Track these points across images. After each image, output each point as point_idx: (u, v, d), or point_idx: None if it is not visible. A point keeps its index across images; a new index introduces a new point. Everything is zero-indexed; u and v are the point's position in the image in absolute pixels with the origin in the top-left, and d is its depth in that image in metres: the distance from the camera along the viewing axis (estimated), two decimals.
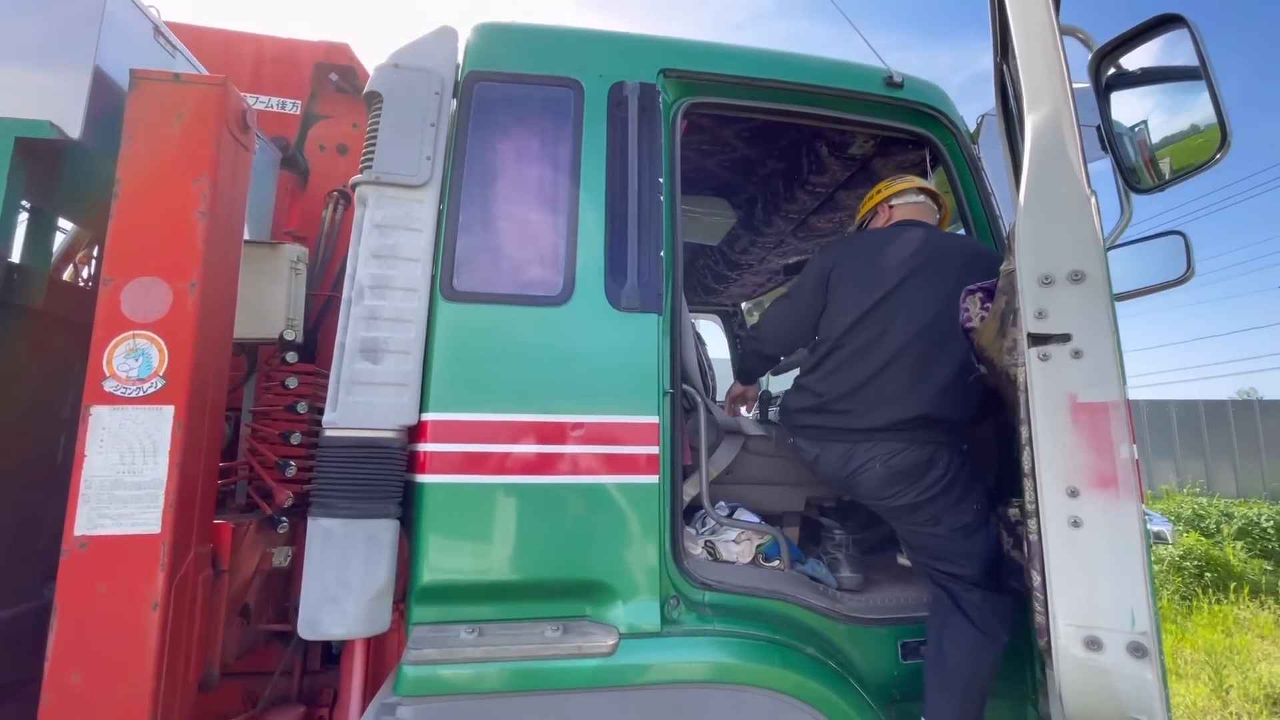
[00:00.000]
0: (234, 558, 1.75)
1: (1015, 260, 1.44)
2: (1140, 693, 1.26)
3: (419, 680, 1.43)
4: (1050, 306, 1.39)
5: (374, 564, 1.52)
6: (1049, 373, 1.37)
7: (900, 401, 1.83)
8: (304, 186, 2.66)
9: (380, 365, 1.60)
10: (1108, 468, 1.31)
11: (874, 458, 1.84)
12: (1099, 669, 1.29)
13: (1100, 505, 1.31)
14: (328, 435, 1.57)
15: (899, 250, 1.97)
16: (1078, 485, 1.33)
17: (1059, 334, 1.37)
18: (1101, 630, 1.30)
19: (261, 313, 2.02)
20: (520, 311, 1.68)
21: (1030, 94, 1.48)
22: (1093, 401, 1.34)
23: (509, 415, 1.62)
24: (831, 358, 1.93)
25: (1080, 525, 1.31)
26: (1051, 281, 1.39)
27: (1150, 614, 1.27)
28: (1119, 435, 1.32)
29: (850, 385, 1.88)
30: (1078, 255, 1.39)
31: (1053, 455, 1.35)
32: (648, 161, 1.83)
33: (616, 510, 1.62)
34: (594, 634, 1.52)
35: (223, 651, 1.72)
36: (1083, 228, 1.40)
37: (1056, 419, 1.35)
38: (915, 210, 2.17)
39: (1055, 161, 1.43)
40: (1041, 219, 1.43)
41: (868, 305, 1.90)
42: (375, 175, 1.69)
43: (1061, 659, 1.31)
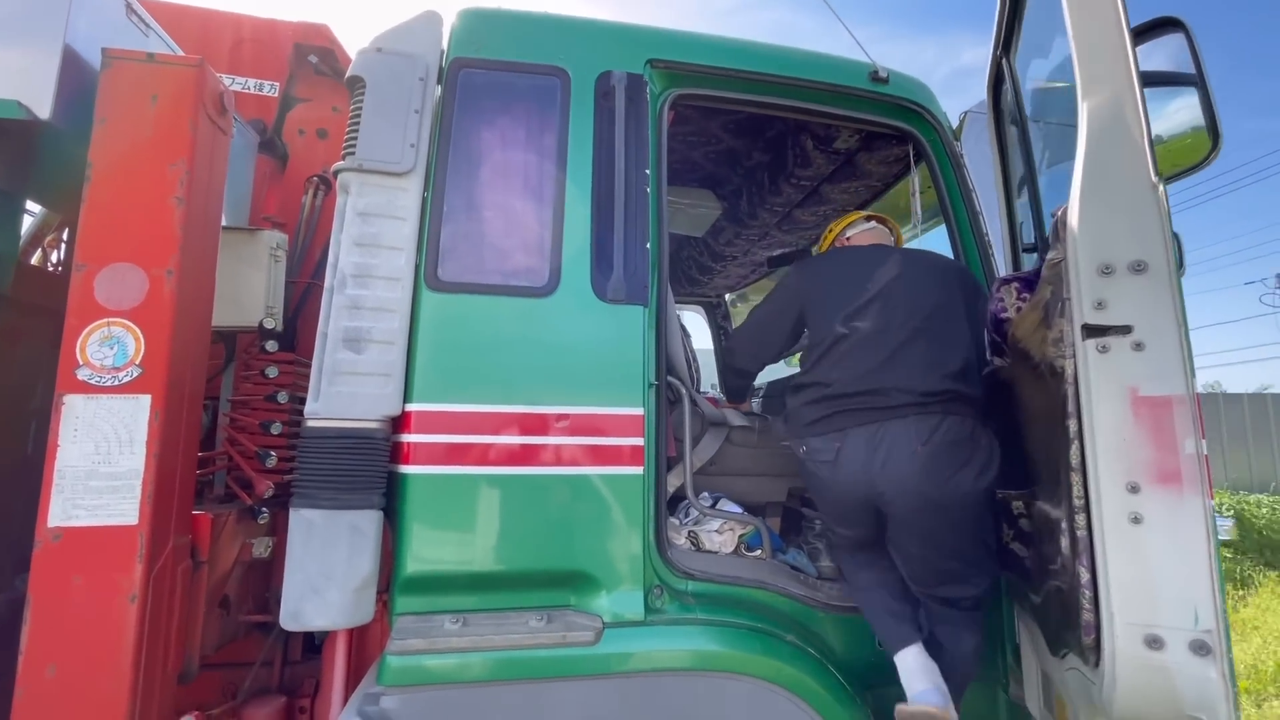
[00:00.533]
0: (213, 549, 1.73)
1: (1066, 250, 1.38)
2: (1202, 691, 1.22)
3: (403, 670, 1.43)
4: (1110, 297, 1.33)
5: (357, 555, 1.52)
6: (1107, 365, 1.32)
7: (925, 376, 1.68)
8: (283, 171, 2.61)
9: (363, 355, 1.59)
10: (1170, 463, 1.27)
11: (910, 438, 1.63)
12: (1159, 668, 1.25)
13: (1163, 501, 1.27)
14: (310, 425, 1.56)
15: (877, 256, 1.95)
16: (1138, 480, 1.28)
17: (1119, 325, 1.32)
18: (1163, 628, 1.25)
19: (240, 300, 1.98)
20: (505, 302, 1.68)
21: (1088, 78, 1.42)
22: (1155, 395, 1.30)
23: (494, 406, 1.62)
24: (837, 347, 1.78)
25: (1141, 521, 1.27)
26: (1111, 271, 1.34)
27: (1216, 611, 1.23)
28: (1183, 430, 1.27)
29: (866, 367, 1.72)
30: (1140, 244, 1.33)
31: (1110, 450, 1.30)
32: (634, 153, 1.82)
33: (601, 501, 1.63)
34: (578, 623, 1.53)
35: (202, 643, 1.71)
36: (1146, 215, 1.34)
37: (1115, 413, 1.30)
38: (871, 236, 2.18)
39: (1117, 147, 1.37)
40: (1101, 207, 1.36)
41: (862, 301, 1.82)
42: (358, 162, 1.66)
43: (1118, 658, 1.27)
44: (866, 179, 2.63)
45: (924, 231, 2.74)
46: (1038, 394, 1.53)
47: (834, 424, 1.71)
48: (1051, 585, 1.50)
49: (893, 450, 1.62)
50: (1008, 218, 2.17)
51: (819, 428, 1.74)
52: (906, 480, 1.61)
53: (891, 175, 2.64)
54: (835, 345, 1.79)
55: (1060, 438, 1.39)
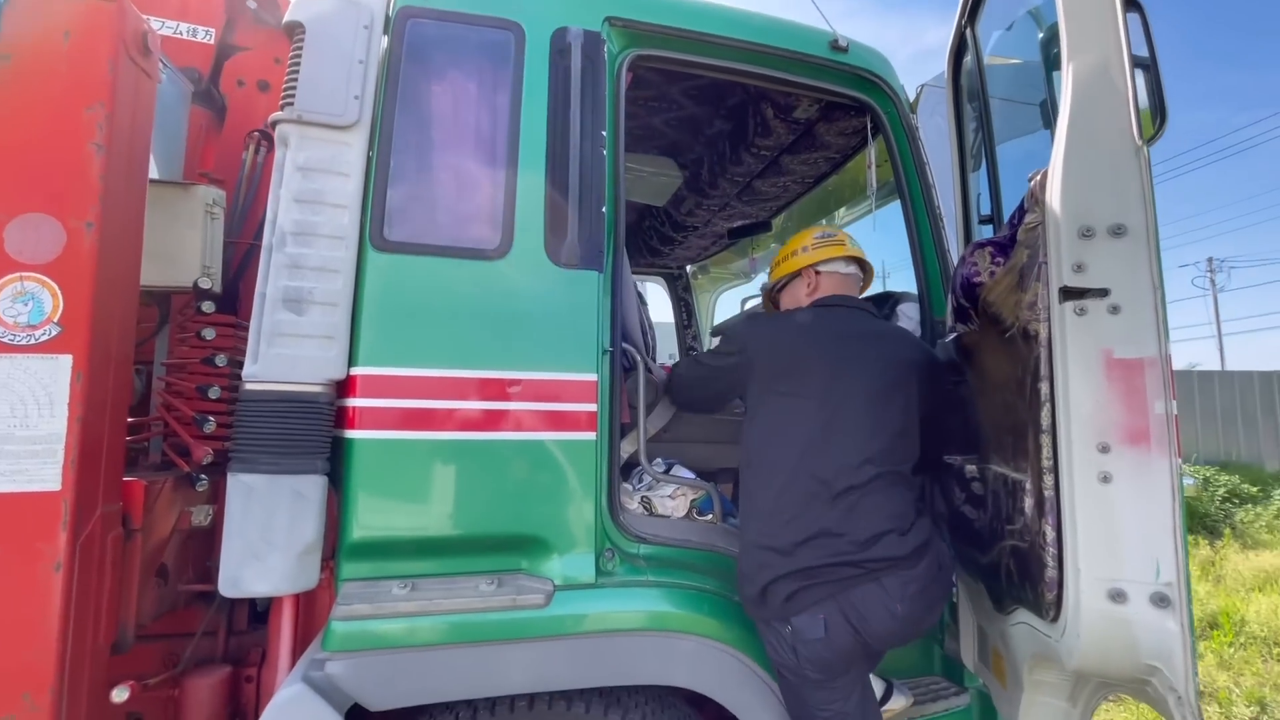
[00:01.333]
0: (147, 517, 1.66)
1: (1046, 212, 1.37)
2: (1160, 642, 1.24)
3: (348, 635, 1.41)
4: (1089, 260, 1.32)
5: (300, 520, 1.48)
6: (1083, 328, 1.31)
7: (888, 533, 1.56)
8: (221, 125, 2.46)
9: (305, 316, 1.53)
10: (1140, 423, 1.28)
11: (886, 600, 1.54)
12: (1120, 620, 1.27)
13: (1132, 460, 1.28)
14: (248, 389, 1.50)
15: (840, 351, 1.73)
16: (1109, 441, 1.29)
17: (1096, 289, 1.32)
18: (1126, 582, 1.27)
19: (173, 259, 1.87)
20: (455, 264, 1.63)
21: (1074, 37, 1.39)
22: (1128, 358, 1.30)
23: (443, 371, 1.58)
24: (790, 492, 1.60)
25: (1110, 480, 1.28)
26: (1092, 234, 1.33)
27: (1178, 565, 1.24)
28: (1154, 391, 1.28)
29: (821, 525, 1.57)
30: (1120, 207, 1.33)
31: (1083, 411, 1.30)
32: (590, 113, 1.78)
33: (553, 466, 1.62)
34: (529, 587, 1.53)
35: (138, 613, 1.65)
36: (1128, 179, 1.33)
37: (1089, 375, 1.30)
38: (842, 284, 1.96)
39: (1102, 108, 1.35)
40: (1083, 169, 1.35)
41: (818, 425, 1.64)
42: (297, 113, 1.58)
43: (1083, 611, 1.29)
44: (825, 150, 2.64)
45: (878, 207, 2.77)
46: (1006, 359, 1.55)
47: (812, 596, 1.55)
48: (1007, 545, 1.54)
49: (871, 613, 1.54)
50: (962, 191, 2.21)
51: (797, 604, 1.56)
52: (895, 634, 1.59)
53: (850, 147, 2.65)
54: (787, 489, 1.61)
55: (1030, 401, 1.40)
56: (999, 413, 1.60)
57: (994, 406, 1.64)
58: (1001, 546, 1.54)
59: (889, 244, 2.51)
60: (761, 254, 4.22)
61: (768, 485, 1.65)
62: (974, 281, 1.63)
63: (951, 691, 1.94)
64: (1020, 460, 1.45)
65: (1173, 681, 1.21)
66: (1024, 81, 2.15)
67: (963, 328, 1.78)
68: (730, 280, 4.71)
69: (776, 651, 1.61)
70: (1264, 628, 5.06)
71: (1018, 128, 2.16)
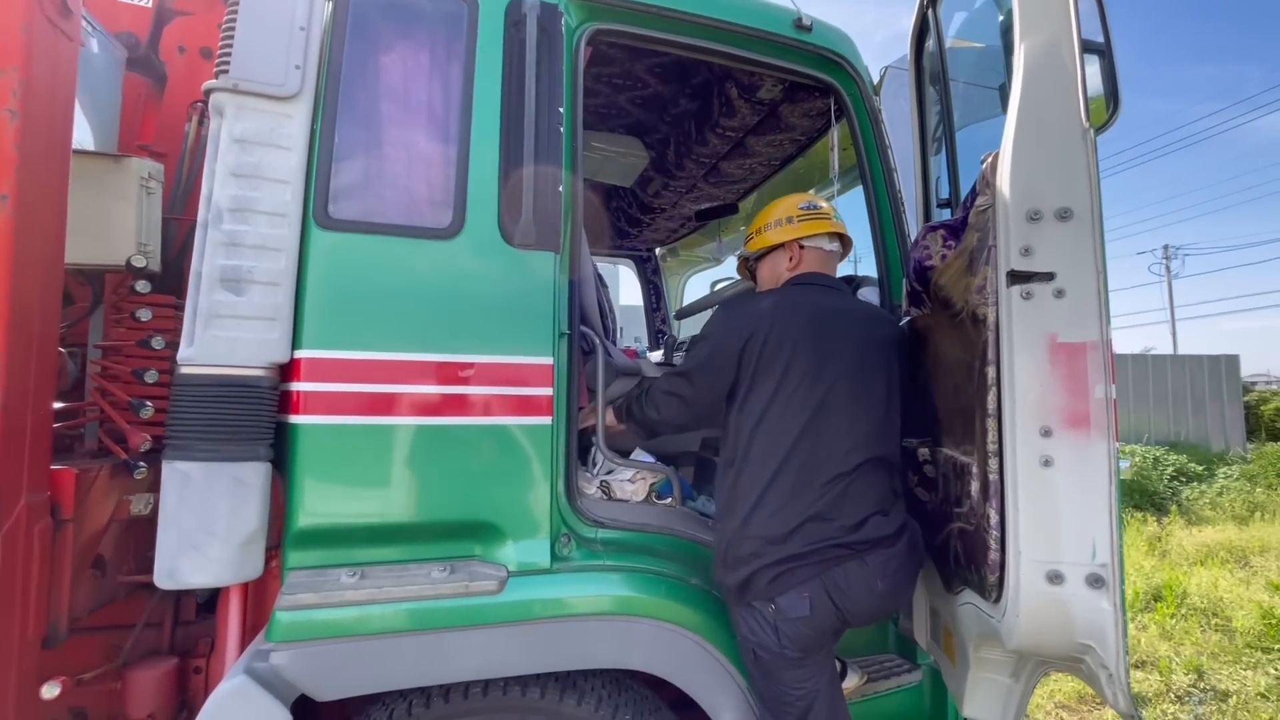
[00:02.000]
0: (80, 506, 1.58)
1: (995, 195, 1.36)
2: (1093, 620, 1.27)
3: (293, 625, 1.38)
4: (1036, 243, 1.32)
5: (241, 508, 1.43)
6: (1029, 312, 1.32)
7: (874, 513, 1.59)
8: (161, 95, 2.33)
9: (244, 297, 1.46)
10: (1081, 408, 1.29)
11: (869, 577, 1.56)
12: (1057, 600, 1.29)
13: (1072, 444, 1.29)
14: (183, 373, 1.43)
15: (829, 329, 1.68)
16: (1051, 425, 1.30)
17: (1043, 272, 1.31)
18: (1063, 564, 1.29)
19: (105, 235, 1.77)
20: (404, 243, 1.58)
21: (1026, 19, 1.38)
22: (1072, 342, 1.31)
23: (392, 354, 1.53)
24: (779, 481, 1.59)
25: (1051, 464, 1.30)
26: (1039, 218, 1.33)
27: (1112, 546, 1.26)
28: (1095, 375, 1.29)
29: (811, 508, 1.57)
30: (1067, 191, 1.32)
31: (1028, 395, 1.31)
32: (547, 89, 1.73)
33: (508, 451, 1.59)
34: (482, 573, 1.51)
35: (73, 606, 1.58)
36: (1075, 162, 1.32)
37: (1033, 359, 1.31)
38: (824, 260, 1.91)
39: (1051, 91, 1.34)
40: (1032, 152, 1.34)
41: (807, 414, 1.61)
42: (233, 81, 1.49)
43: (1023, 593, 1.31)
44: (790, 132, 2.62)
45: (842, 192, 2.77)
46: (955, 343, 1.55)
47: (797, 577, 1.56)
48: (955, 527, 1.57)
49: (853, 590, 1.56)
50: (922, 175, 2.21)
51: (781, 584, 1.56)
52: (872, 611, 1.62)
53: (814, 130, 2.64)
54: (778, 478, 1.59)
55: (978, 385, 1.41)
56: (949, 396, 1.62)
57: (945, 390, 1.66)
58: (950, 529, 1.57)
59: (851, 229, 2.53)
60: (730, 237, 4.21)
61: (758, 474, 1.62)
62: (926, 265, 1.63)
63: (904, 669, 1.99)
64: (968, 444, 1.47)
65: (1104, 659, 1.24)
66: (985, 65, 2.15)
67: (916, 311, 1.79)
68: (699, 263, 4.69)
69: (755, 633, 1.60)
70: (1204, 599, 5.31)
71: (979, 112, 2.17)
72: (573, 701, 1.54)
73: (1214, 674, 4.14)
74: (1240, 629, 4.74)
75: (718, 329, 1.76)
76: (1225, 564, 6.40)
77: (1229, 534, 7.34)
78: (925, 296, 1.69)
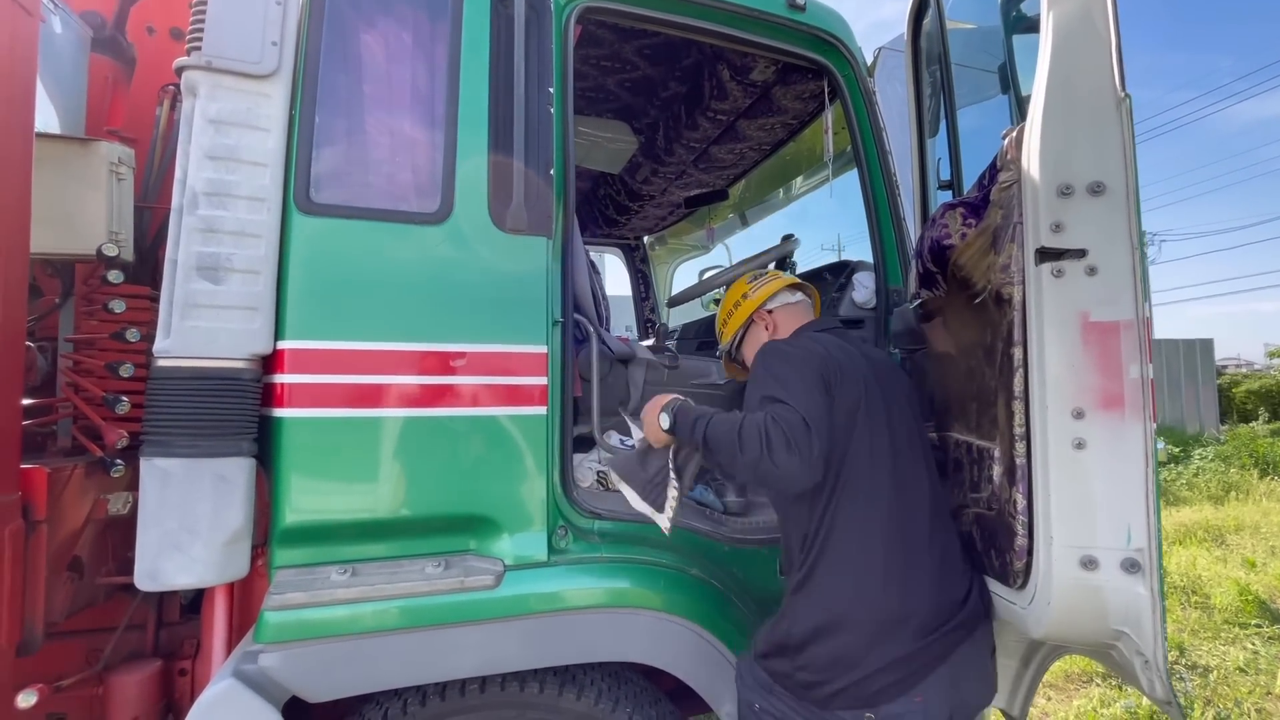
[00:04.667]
0: (55, 507, 1.52)
1: (1023, 170, 1.30)
2: (1129, 606, 1.22)
3: (282, 625, 1.33)
4: (1067, 219, 1.25)
5: (225, 506, 1.38)
6: (1060, 290, 1.26)
7: (961, 576, 1.43)
8: (130, 77, 2.23)
9: (223, 286, 1.40)
10: (1115, 388, 1.24)
11: (984, 655, 1.40)
12: (1091, 587, 1.24)
13: (1105, 426, 1.24)
14: (160, 365, 1.37)
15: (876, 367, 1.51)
16: (1084, 407, 1.24)
17: (1074, 249, 1.25)
18: (1098, 549, 1.24)
19: (72, 224, 1.69)
20: (391, 229, 1.52)
21: None
22: (1105, 321, 1.25)
23: (381, 344, 1.48)
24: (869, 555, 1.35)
25: (1084, 447, 1.24)
26: (1070, 192, 1.26)
27: (1149, 531, 1.22)
28: (1130, 355, 1.24)
29: (917, 582, 1.35)
30: (1101, 164, 1.25)
31: (1058, 376, 1.26)
32: (536, 69, 1.67)
33: (502, 443, 1.55)
34: (478, 568, 1.47)
35: (49, 610, 1.52)
36: (1109, 133, 1.25)
37: (1065, 339, 1.25)
38: (800, 313, 1.74)
39: (1083, 59, 1.27)
40: (1062, 123, 1.27)
41: (884, 466, 1.39)
42: (206, 59, 1.42)
43: (1055, 579, 1.26)
44: (782, 115, 2.58)
45: (835, 176, 2.74)
46: (974, 324, 1.49)
47: (917, 677, 1.29)
48: (971, 513, 1.52)
49: (967, 678, 1.35)
50: (919, 157, 2.19)
51: (897, 689, 1.29)
52: (979, 700, 1.41)
53: (807, 112, 2.60)
54: (880, 540, 1.35)
55: (1001, 367, 1.36)
56: (963, 380, 1.59)
57: (958, 373, 1.62)
58: (964, 515, 1.54)
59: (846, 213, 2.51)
60: (719, 224, 4.17)
61: (855, 535, 1.36)
62: (944, 244, 1.56)
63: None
64: (987, 428, 1.42)
65: (1140, 645, 1.20)
66: (983, 46, 2.12)
67: (927, 294, 1.75)
68: (688, 251, 4.65)
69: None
70: (1183, 577, 5.42)
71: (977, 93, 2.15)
72: (572, 696, 1.51)
73: (1194, 650, 4.23)
74: (1218, 606, 4.85)
75: (779, 362, 1.43)
76: (1203, 543, 6.54)
77: (1206, 514, 7.50)
78: (941, 278, 1.63)
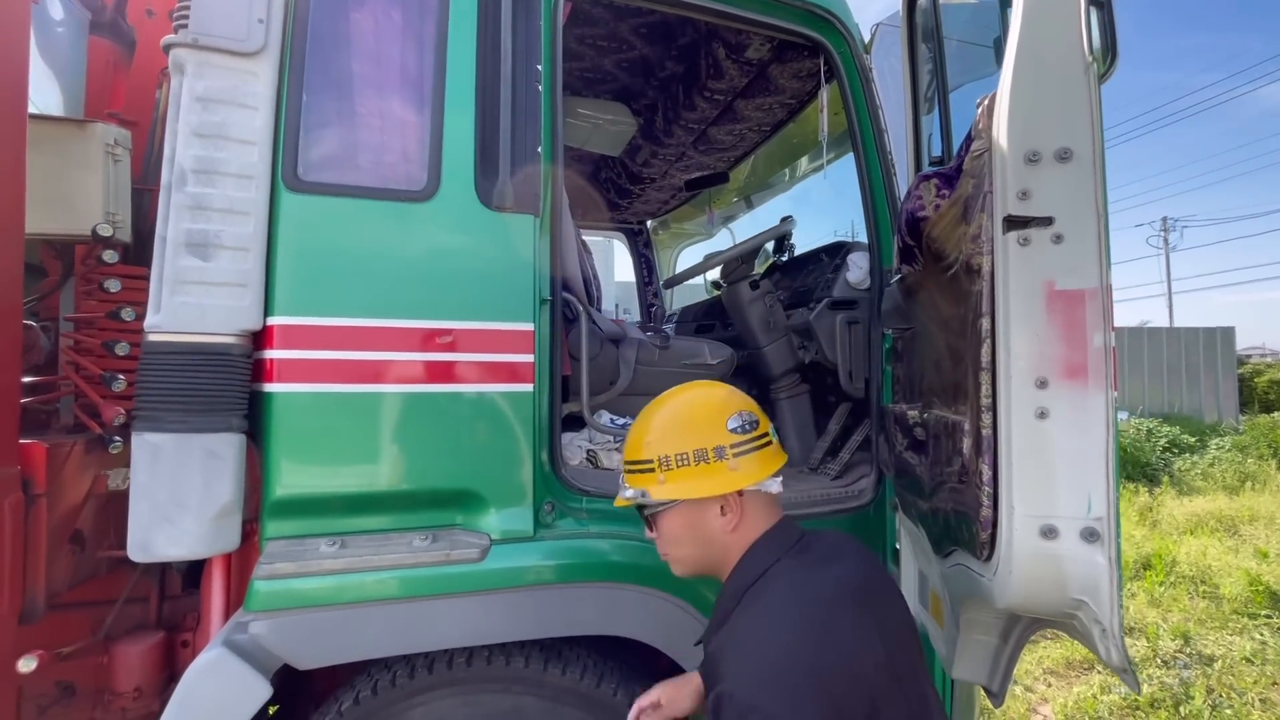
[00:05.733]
0: (55, 481, 1.56)
1: (993, 136, 1.30)
2: (1087, 575, 1.23)
3: (271, 594, 1.36)
4: (1034, 186, 1.26)
5: (215, 480, 1.40)
6: (1026, 259, 1.26)
7: None
8: (130, 60, 2.25)
9: (212, 262, 1.42)
10: (1079, 358, 1.25)
11: None
12: (1051, 556, 1.26)
13: (1068, 396, 1.25)
14: (151, 340, 1.39)
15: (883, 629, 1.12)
16: (1047, 376, 1.25)
17: (1041, 217, 1.26)
18: (1058, 519, 1.26)
19: (70, 204, 1.72)
20: (378, 206, 1.53)
21: None
22: (1070, 289, 1.26)
23: (368, 320, 1.49)
24: None
25: (1046, 416, 1.25)
26: (1038, 159, 1.26)
27: (1108, 500, 1.23)
28: (1094, 323, 1.25)
29: None
30: (1068, 130, 1.26)
31: (1022, 347, 1.26)
32: (524, 46, 1.66)
33: (488, 419, 1.56)
34: (464, 541, 1.49)
35: (49, 581, 1.56)
36: (1075, 99, 1.25)
37: (1030, 308, 1.26)
38: (772, 507, 1.27)
39: (1053, 26, 1.27)
40: (1031, 90, 1.27)
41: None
42: (192, 36, 1.43)
43: (1015, 549, 1.27)
44: (780, 95, 2.55)
45: (831, 160, 2.71)
46: (949, 297, 1.50)
47: None
48: (945, 487, 1.53)
49: None
50: (914, 134, 2.16)
51: None
52: None
53: (805, 92, 2.57)
54: None
55: (970, 338, 1.36)
56: (941, 354, 1.58)
57: (936, 348, 1.62)
58: (940, 489, 1.54)
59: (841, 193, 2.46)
60: (721, 209, 4.14)
61: None
62: (919, 216, 1.56)
63: None
64: (960, 401, 1.43)
65: (1098, 614, 1.22)
66: (980, 21, 2.08)
67: (907, 269, 1.74)
68: (690, 236, 4.63)
69: None
70: (1193, 567, 5.37)
71: (972, 71, 2.11)
72: (558, 670, 1.53)
73: (1201, 639, 4.19)
74: (1227, 595, 4.79)
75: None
76: (1215, 533, 6.46)
77: (1219, 504, 7.40)
78: (918, 251, 1.63)
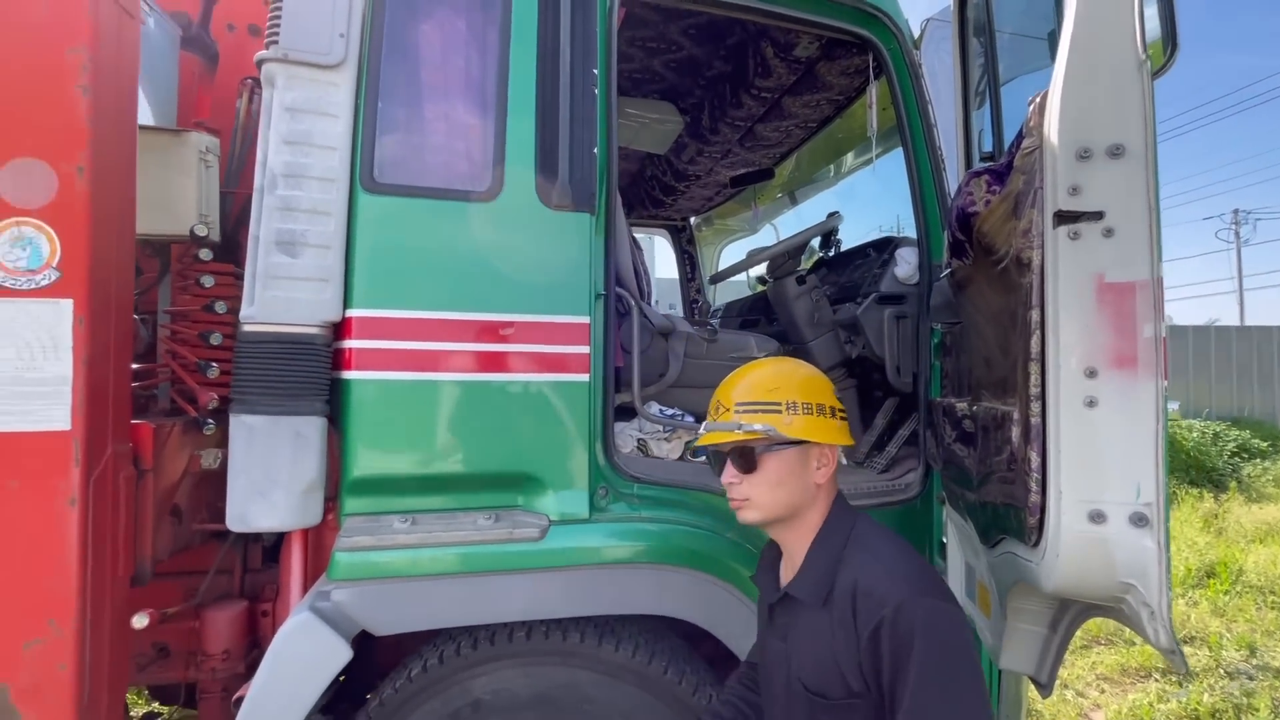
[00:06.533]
0: (158, 458, 1.72)
1: (1044, 132, 1.33)
2: (1136, 559, 1.26)
3: (351, 565, 1.48)
4: (1084, 182, 1.28)
5: (301, 459, 1.53)
6: (1077, 253, 1.29)
7: None
8: (214, 72, 2.43)
9: (299, 259, 1.54)
10: (1128, 347, 1.27)
11: None
12: (1099, 540, 1.28)
13: (1118, 384, 1.27)
14: (245, 330, 1.53)
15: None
16: (1097, 366, 1.28)
17: (1091, 211, 1.28)
18: (1106, 504, 1.28)
19: (169, 207, 1.88)
20: (446, 206, 1.63)
21: None
22: (1120, 281, 1.28)
23: (437, 313, 1.60)
24: None
25: (1095, 404, 1.28)
26: (1089, 155, 1.28)
27: (1158, 486, 1.25)
28: (1144, 315, 1.27)
29: None
30: (1119, 127, 1.28)
31: (1071, 337, 1.29)
32: (581, 51, 1.74)
33: (547, 408, 1.65)
34: (525, 521, 1.59)
35: (154, 549, 1.73)
36: (1128, 96, 1.27)
37: (1080, 300, 1.29)
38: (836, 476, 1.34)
39: (1106, 23, 1.28)
40: (1084, 86, 1.29)
41: None
42: (283, 52, 1.56)
43: (1064, 533, 1.30)
44: (828, 91, 2.57)
45: (879, 154, 2.71)
46: (999, 291, 1.52)
47: None
48: (994, 476, 1.55)
49: None
50: (964, 129, 2.15)
51: None
52: None
53: (853, 88, 2.58)
54: None
55: (1020, 330, 1.39)
56: (990, 347, 1.60)
57: (986, 341, 1.64)
58: (989, 480, 1.56)
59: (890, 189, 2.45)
60: (766, 205, 4.16)
61: None
62: (969, 211, 1.58)
63: None
64: (1009, 393, 1.45)
65: (1146, 597, 1.23)
66: (1032, 13, 2.06)
67: (957, 263, 1.76)
68: (734, 233, 4.66)
69: None
70: (1261, 577, 5.12)
71: (1025, 64, 2.09)
72: (611, 647, 1.61)
73: (1267, 651, 4.02)
74: None
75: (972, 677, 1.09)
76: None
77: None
78: (968, 245, 1.65)
